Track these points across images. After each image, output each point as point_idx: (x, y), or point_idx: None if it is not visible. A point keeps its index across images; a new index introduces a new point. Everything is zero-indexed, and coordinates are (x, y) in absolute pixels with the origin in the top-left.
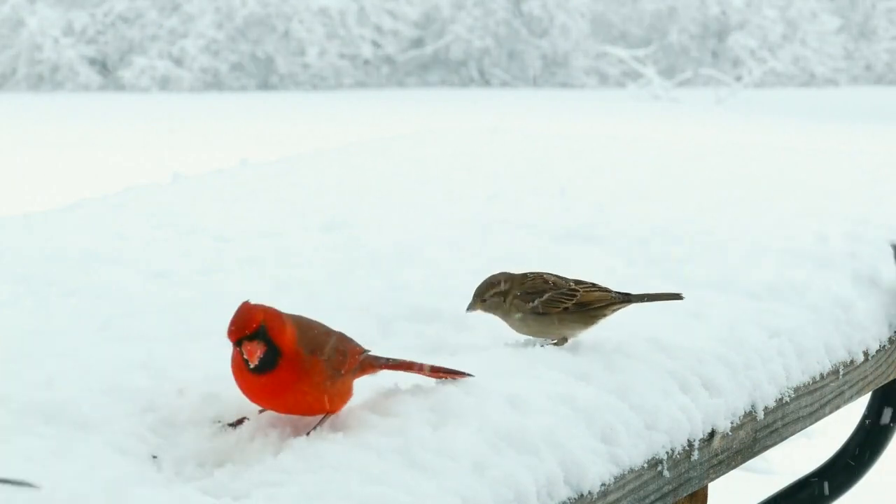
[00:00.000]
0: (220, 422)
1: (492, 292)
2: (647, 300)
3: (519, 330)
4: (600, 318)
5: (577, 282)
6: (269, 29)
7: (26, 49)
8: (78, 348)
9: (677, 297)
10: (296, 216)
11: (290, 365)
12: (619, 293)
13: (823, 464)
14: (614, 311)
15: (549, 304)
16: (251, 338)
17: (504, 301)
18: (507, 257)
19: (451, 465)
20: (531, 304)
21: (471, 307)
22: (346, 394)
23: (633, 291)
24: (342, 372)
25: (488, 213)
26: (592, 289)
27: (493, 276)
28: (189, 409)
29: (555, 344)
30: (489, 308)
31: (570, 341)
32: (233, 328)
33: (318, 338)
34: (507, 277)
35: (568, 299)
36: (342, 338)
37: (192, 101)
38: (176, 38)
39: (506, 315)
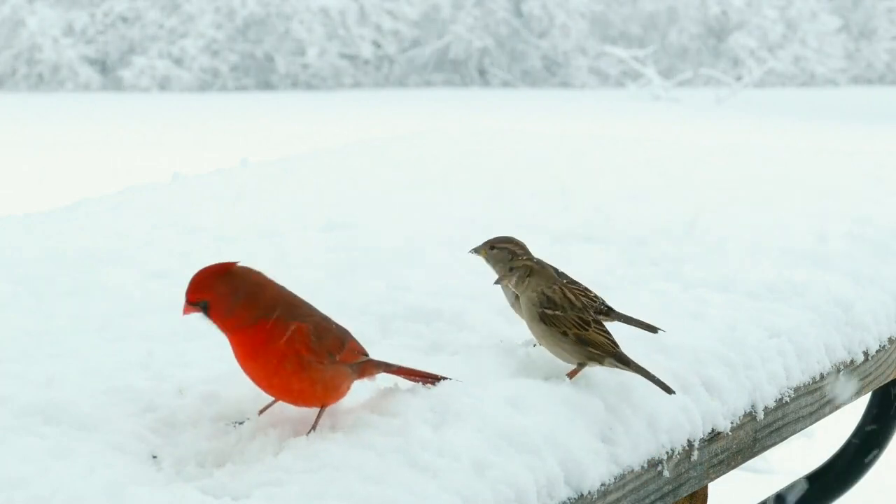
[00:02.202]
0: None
1: (503, 245)
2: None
3: (520, 314)
4: (596, 362)
5: (598, 322)
6: (269, 29)
7: (26, 49)
8: (78, 348)
9: (670, 391)
10: (296, 216)
11: (253, 330)
12: (620, 354)
13: (824, 463)
14: (609, 366)
15: (554, 318)
16: (194, 304)
17: (523, 281)
18: None
19: (452, 464)
20: (540, 310)
21: (475, 250)
22: (339, 387)
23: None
24: (337, 358)
25: (488, 213)
26: (603, 332)
27: (510, 238)
28: (189, 409)
29: (571, 374)
30: (492, 260)
31: (580, 374)
32: (189, 287)
33: (301, 309)
34: (524, 251)
35: (572, 327)
36: (344, 330)
37: (192, 101)
38: (176, 38)
39: (516, 296)
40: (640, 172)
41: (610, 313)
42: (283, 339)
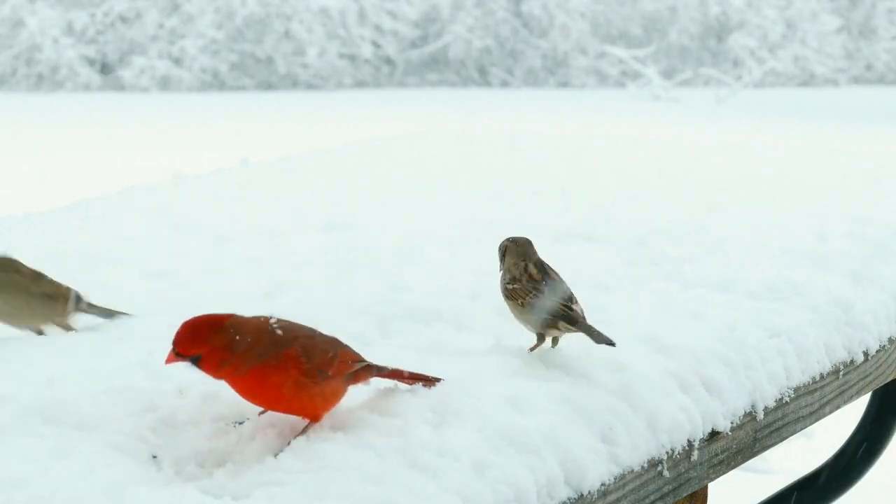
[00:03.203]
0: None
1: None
2: (590, 334)
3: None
4: (552, 331)
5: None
6: (269, 29)
7: (26, 49)
8: (78, 348)
9: (610, 342)
10: (296, 216)
11: (249, 374)
12: (569, 315)
13: (823, 464)
14: (564, 330)
15: (512, 292)
16: (184, 357)
17: (502, 261)
18: None
19: (452, 464)
20: (503, 286)
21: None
22: (335, 396)
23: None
24: (329, 373)
25: (488, 213)
26: (556, 300)
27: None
28: (189, 409)
29: (531, 348)
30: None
31: (539, 348)
32: (179, 338)
33: (285, 335)
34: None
35: (526, 295)
36: (332, 341)
37: (192, 101)
38: (176, 38)
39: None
40: (640, 172)
41: (577, 322)
42: (276, 372)
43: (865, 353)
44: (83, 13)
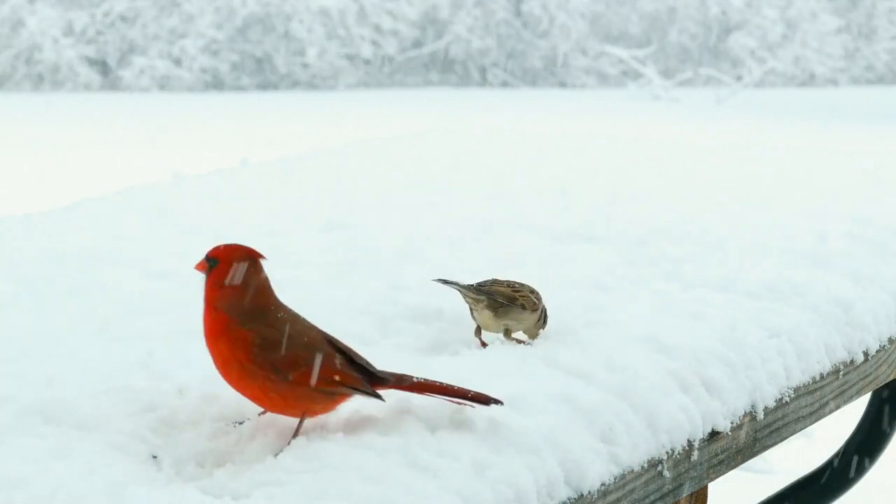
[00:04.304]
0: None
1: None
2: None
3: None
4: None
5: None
6: (269, 29)
7: (26, 49)
8: (78, 348)
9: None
10: (296, 216)
11: (214, 314)
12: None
13: (823, 464)
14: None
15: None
16: (208, 259)
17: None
18: (507, 257)
19: (452, 464)
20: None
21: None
22: (304, 404)
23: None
24: (290, 377)
25: (488, 213)
26: (478, 292)
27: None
28: (189, 409)
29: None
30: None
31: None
32: (216, 248)
33: (269, 324)
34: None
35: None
36: (318, 351)
37: (192, 101)
38: (176, 38)
39: None
40: (640, 172)
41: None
42: (228, 344)
43: (865, 353)
44: (83, 13)
